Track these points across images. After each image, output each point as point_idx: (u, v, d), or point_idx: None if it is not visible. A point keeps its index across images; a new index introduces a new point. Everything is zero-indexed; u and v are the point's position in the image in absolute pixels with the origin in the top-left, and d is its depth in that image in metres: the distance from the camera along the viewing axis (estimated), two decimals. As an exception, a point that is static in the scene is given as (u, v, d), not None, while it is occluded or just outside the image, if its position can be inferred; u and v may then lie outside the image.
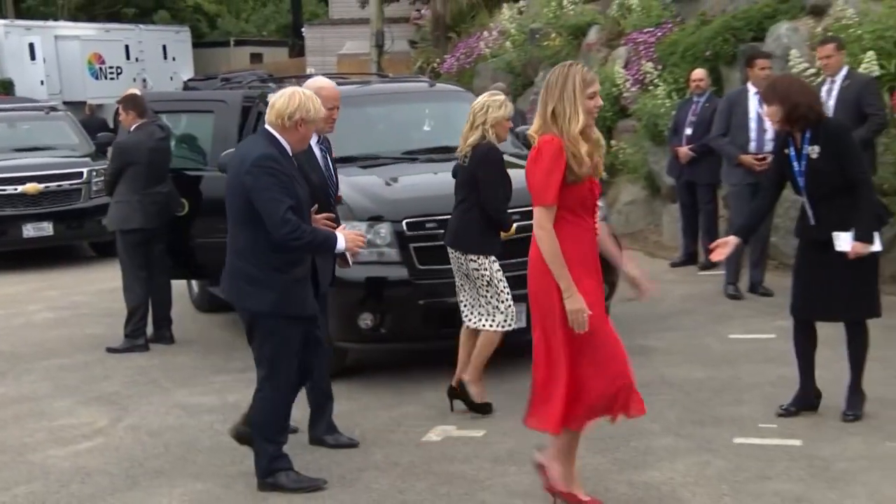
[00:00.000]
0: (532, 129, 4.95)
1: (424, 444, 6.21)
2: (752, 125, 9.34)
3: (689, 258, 11.07)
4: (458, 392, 6.64)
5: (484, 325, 6.55)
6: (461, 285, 6.66)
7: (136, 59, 30.88)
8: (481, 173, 6.51)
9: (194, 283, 10.33)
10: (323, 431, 6.23)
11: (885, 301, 8.55)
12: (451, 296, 6.94)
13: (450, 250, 6.65)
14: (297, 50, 34.49)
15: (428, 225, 7.21)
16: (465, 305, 6.67)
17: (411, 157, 8.37)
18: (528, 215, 7.24)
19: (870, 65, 9.45)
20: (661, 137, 12.13)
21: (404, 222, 7.18)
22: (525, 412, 5.10)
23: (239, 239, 5.37)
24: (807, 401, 6.31)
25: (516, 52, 16.82)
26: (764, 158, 9.10)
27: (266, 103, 8.60)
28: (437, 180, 7.67)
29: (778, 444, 5.87)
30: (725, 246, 6.13)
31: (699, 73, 10.91)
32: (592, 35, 15.11)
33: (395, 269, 7.13)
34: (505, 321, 6.54)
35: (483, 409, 6.61)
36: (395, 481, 5.61)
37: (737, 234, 6.26)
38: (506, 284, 6.55)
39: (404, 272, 7.16)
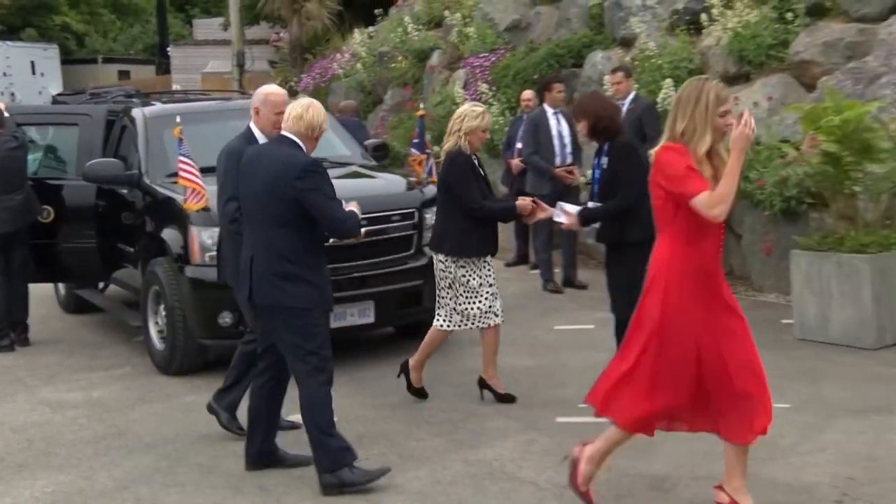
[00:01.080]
0: (660, 143, 4.48)
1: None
2: (555, 142, 9.76)
3: (522, 259, 11.29)
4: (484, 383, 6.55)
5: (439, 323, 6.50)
6: (443, 287, 6.44)
7: (4, 74, 29.85)
8: (451, 179, 6.40)
9: (61, 285, 10.04)
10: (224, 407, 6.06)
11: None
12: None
13: (434, 254, 6.51)
14: (164, 68, 33.71)
15: None
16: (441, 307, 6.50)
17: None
18: (376, 221, 7.43)
19: (668, 90, 9.86)
20: (497, 151, 12.37)
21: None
22: (599, 395, 4.71)
23: (277, 240, 5.07)
24: None
25: (367, 72, 16.88)
26: (571, 171, 9.54)
27: (131, 118, 8.62)
28: None
29: (594, 421, 5.92)
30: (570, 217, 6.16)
31: (528, 93, 11.16)
32: (435, 59, 15.26)
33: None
34: (462, 321, 6.43)
35: (420, 394, 6.63)
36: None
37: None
38: (488, 288, 6.38)
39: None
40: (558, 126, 9.76)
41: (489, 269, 6.40)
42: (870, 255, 7.34)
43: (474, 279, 6.30)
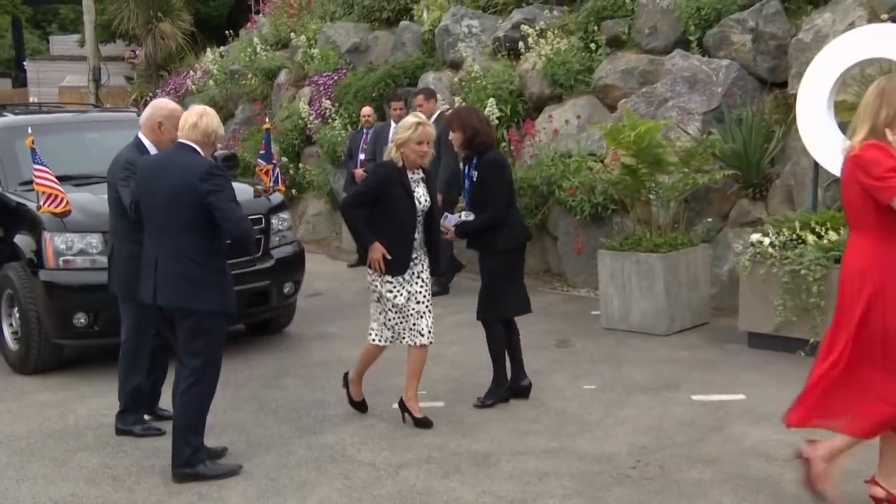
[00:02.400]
0: (857, 139, 4.05)
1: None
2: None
3: (363, 260, 11.27)
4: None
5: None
6: (373, 301, 5.88)
7: None
8: (363, 186, 6.16)
9: None
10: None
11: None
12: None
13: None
14: (21, 81, 32.14)
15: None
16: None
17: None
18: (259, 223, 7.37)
19: (492, 108, 10.08)
20: (339, 161, 12.42)
21: (115, 233, 6.95)
22: (811, 408, 4.28)
23: (184, 244, 4.87)
24: (515, 384, 6.24)
25: (219, 88, 16.60)
26: None
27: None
28: None
29: (427, 406, 6.07)
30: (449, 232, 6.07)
31: (367, 109, 11.23)
32: (282, 77, 15.14)
33: (106, 275, 6.88)
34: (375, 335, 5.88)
35: (360, 408, 6.06)
36: (106, 459, 5.41)
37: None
38: (415, 306, 5.71)
39: (115, 276, 6.92)
40: None
41: (420, 286, 5.70)
42: (662, 254, 7.70)
43: (400, 296, 5.66)
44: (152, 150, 5.61)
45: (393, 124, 9.87)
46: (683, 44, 9.56)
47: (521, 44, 10.93)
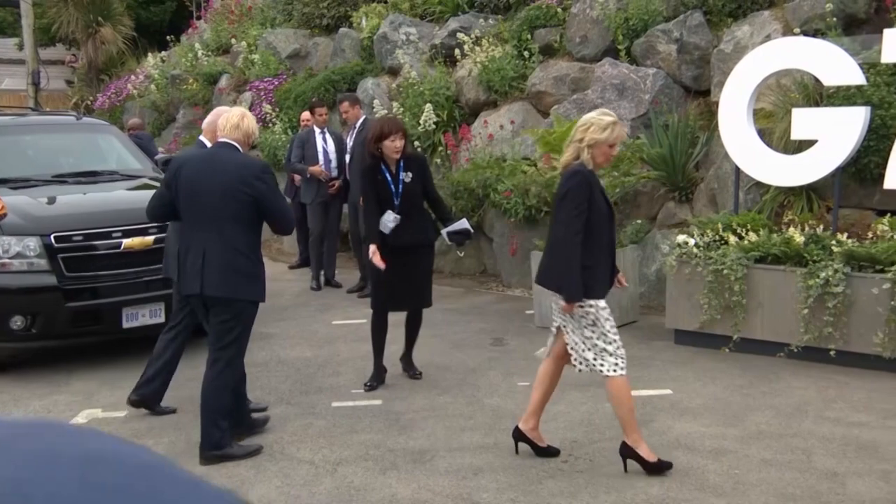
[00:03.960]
0: None
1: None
2: (321, 157, 9.82)
3: (304, 262, 11.23)
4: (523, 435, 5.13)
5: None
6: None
7: None
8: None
9: None
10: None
11: (443, 291, 9.23)
12: (97, 298, 6.72)
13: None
14: (-40, 84, 31.35)
15: (75, 238, 6.86)
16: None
17: (60, 179, 7.89)
18: (166, 229, 7.21)
19: (429, 114, 10.07)
20: (280, 164, 12.24)
21: (52, 236, 6.79)
22: None
23: (234, 237, 4.98)
24: (383, 374, 6.52)
25: (160, 93, 16.33)
26: (333, 184, 9.65)
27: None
28: (86, 199, 7.36)
29: (365, 404, 6.09)
30: (375, 255, 6.02)
31: (307, 114, 11.11)
32: (223, 82, 14.96)
33: (44, 277, 6.73)
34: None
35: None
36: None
37: (373, 242, 6.12)
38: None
39: (53, 279, 6.76)
40: (324, 143, 9.90)
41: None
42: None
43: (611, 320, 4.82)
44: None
45: (317, 129, 9.86)
46: (612, 52, 9.67)
47: (457, 51, 10.95)
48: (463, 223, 6.46)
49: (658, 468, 4.72)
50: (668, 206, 8.76)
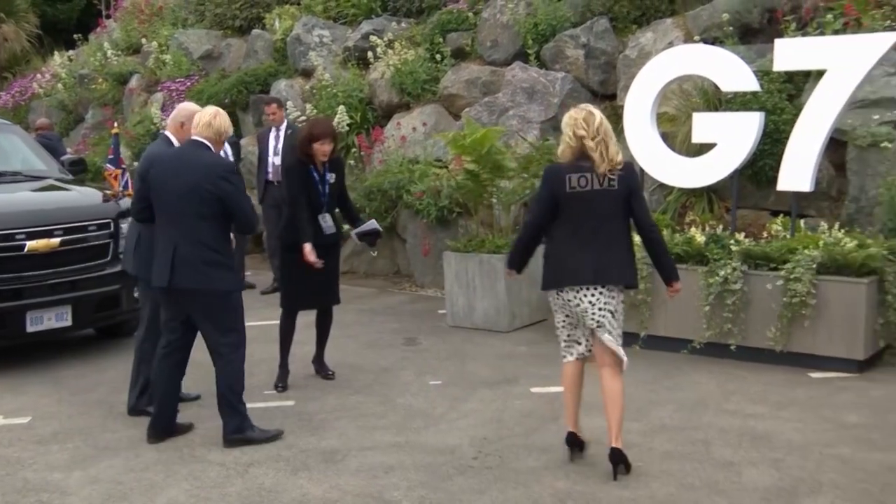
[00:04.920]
0: None
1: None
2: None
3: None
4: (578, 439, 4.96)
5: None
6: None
7: None
8: None
9: None
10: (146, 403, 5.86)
11: (357, 291, 9.21)
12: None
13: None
14: None
15: None
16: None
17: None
18: (71, 231, 7.05)
19: (342, 116, 10.03)
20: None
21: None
22: None
23: (201, 234, 5.11)
24: (287, 374, 6.47)
25: (67, 92, 15.85)
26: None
27: None
28: None
29: (277, 405, 6.03)
30: (311, 254, 6.12)
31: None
32: (134, 82, 14.62)
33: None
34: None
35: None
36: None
37: (308, 241, 6.14)
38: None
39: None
40: (224, 147, 9.68)
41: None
42: (503, 255, 7.81)
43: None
44: (177, 145, 5.76)
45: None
46: (522, 56, 9.78)
47: (370, 54, 10.94)
48: (372, 224, 6.56)
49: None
50: (577, 207, 8.89)
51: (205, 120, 5.24)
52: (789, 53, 6.95)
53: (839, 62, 6.70)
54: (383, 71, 10.65)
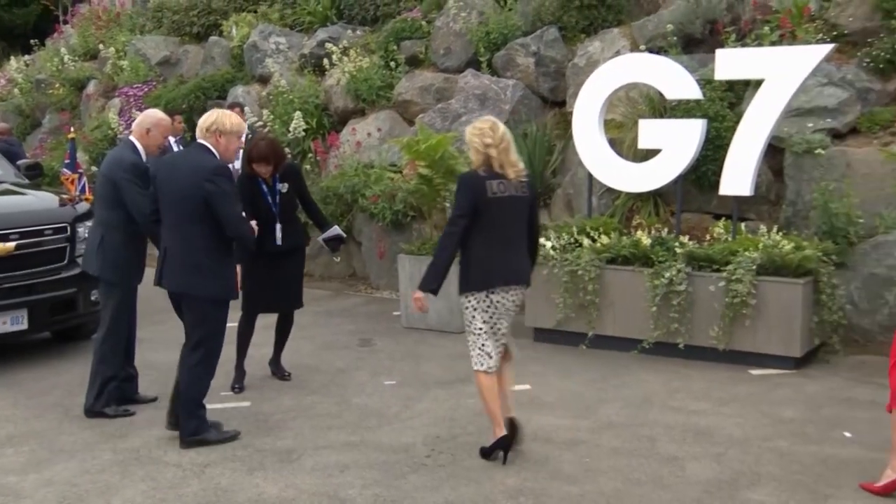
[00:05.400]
0: None
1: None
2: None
3: None
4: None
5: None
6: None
7: None
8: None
9: None
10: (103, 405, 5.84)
11: (313, 293, 9.14)
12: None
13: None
14: None
15: None
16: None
17: None
18: (27, 235, 6.92)
19: (298, 121, 9.98)
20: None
21: None
22: None
23: (193, 236, 5.00)
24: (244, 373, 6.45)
25: (24, 97, 15.57)
26: None
27: None
28: None
29: (233, 406, 5.98)
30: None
31: (178, 119, 10.83)
32: (91, 87, 14.40)
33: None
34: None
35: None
36: None
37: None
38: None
39: None
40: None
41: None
42: (456, 258, 7.83)
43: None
44: (142, 151, 5.76)
45: (172, 139, 9.40)
46: (475, 64, 9.82)
47: (325, 61, 10.90)
48: (335, 230, 6.63)
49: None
50: (528, 210, 8.94)
51: (206, 123, 5.12)
52: (729, 63, 7.07)
53: (776, 72, 6.83)
54: (339, 77, 10.62)
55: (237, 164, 9.64)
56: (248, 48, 12.05)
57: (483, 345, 4.85)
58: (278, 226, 6.22)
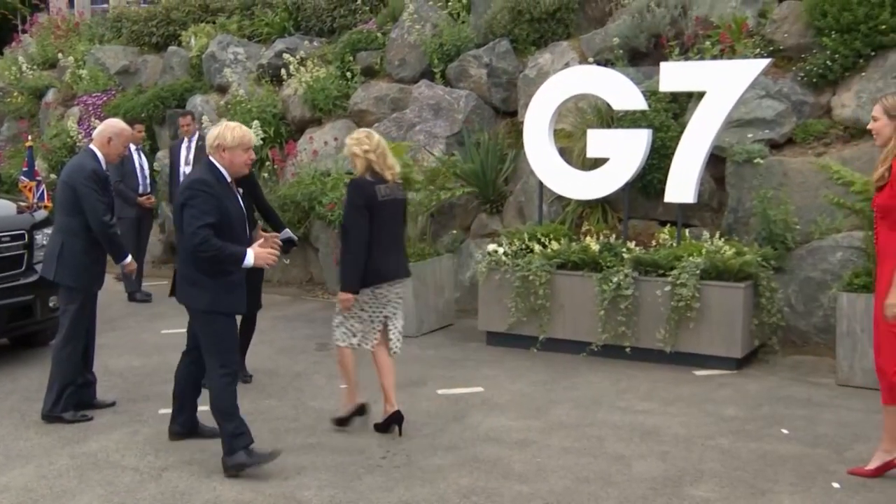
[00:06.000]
0: None
1: None
2: (138, 173, 9.48)
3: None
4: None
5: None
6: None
7: None
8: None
9: None
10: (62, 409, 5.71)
11: (272, 299, 9.06)
12: None
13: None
14: None
15: None
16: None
17: None
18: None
19: (256, 130, 9.89)
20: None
21: None
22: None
23: (184, 248, 4.81)
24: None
25: (-18, 106, 15.23)
26: (150, 198, 9.34)
27: None
28: None
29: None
30: None
31: (138, 128, 10.66)
32: (50, 96, 14.12)
33: None
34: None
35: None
36: None
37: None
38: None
39: None
40: (140, 160, 9.55)
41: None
42: (412, 264, 7.77)
43: None
44: (102, 160, 5.73)
45: (133, 146, 9.31)
46: (429, 75, 9.81)
47: (283, 71, 10.82)
48: (287, 233, 6.54)
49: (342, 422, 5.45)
50: (481, 217, 8.97)
51: (209, 140, 4.90)
52: (673, 76, 7.15)
53: (717, 85, 6.93)
54: (296, 87, 10.56)
55: (186, 170, 9.64)
56: (206, 58, 11.92)
57: (352, 325, 5.33)
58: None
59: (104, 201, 5.58)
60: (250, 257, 4.73)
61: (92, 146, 5.77)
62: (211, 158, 4.87)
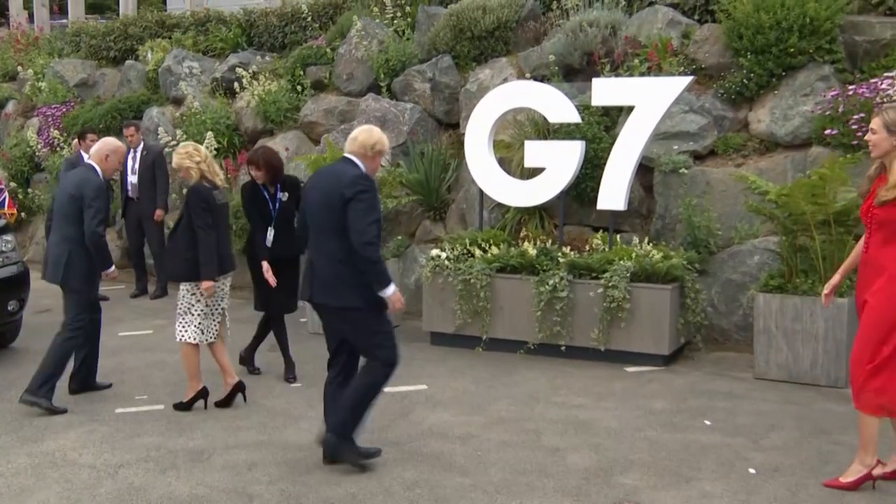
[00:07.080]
0: None
1: None
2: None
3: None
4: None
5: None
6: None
7: None
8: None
9: None
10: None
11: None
12: None
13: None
14: None
15: None
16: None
17: None
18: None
19: (210, 141, 9.75)
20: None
21: None
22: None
23: (332, 248, 4.53)
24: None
25: (-58, 116, 14.76)
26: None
27: None
28: None
29: (147, 409, 5.81)
30: (268, 271, 6.46)
31: (91, 137, 10.42)
32: (10, 107, 13.77)
33: None
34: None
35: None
36: None
37: (264, 259, 6.43)
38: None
39: None
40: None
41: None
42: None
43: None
44: (101, 174, 5.94)
45: (84, 156, 9.12)
46: (375, 88, 9.78)
47: (236, 84, 10.70)
48: None
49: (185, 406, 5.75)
50: (425, 223, 8.97)
51: (351, 135, 4.78)
52: (605, 91, 7.23)
53: (645, 100, 7.03)
54: (249, 100, 10.45)
55: (133, 179, 9.59)
56: (162, 72, 11.73)
57: (200, 323, 5.73)
58: (270, 230, 6.36)
59: (104, 213, 5.82)
60: (393, 289, 4.62)
61: (91, 161, 5.99)
62: (355, 159, 4.67)
